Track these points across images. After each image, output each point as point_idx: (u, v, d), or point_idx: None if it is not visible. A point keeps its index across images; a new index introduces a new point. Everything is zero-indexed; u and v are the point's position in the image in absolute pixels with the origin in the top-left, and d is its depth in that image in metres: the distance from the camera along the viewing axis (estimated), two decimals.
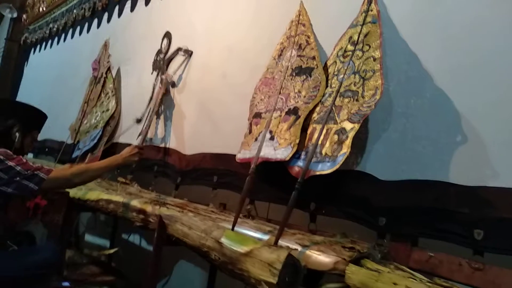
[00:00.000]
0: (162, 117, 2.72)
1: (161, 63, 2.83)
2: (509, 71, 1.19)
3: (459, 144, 1.26)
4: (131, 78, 3.27)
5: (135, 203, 2.19)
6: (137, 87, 3.13)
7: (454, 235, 1.21)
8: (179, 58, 2.70)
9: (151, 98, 2.81)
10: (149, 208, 2.07)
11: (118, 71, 3.47)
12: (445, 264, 1.22)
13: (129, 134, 3.03)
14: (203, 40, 2.55)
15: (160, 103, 2.68)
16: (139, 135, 2.58)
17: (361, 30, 1.54)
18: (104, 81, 3.56)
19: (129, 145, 2.74)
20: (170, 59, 2.77)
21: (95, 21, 4.23)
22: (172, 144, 2.55)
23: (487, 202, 1.16)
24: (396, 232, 1.36)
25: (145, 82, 3.03)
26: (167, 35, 2.89)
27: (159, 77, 2.81)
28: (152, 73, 2.94)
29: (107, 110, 3.36)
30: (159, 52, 2.91)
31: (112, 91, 3.41)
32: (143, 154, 2.22)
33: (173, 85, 2.67)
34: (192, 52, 2.60)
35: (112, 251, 2.87)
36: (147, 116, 2.65)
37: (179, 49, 2.69)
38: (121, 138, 3.14)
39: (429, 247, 1.28)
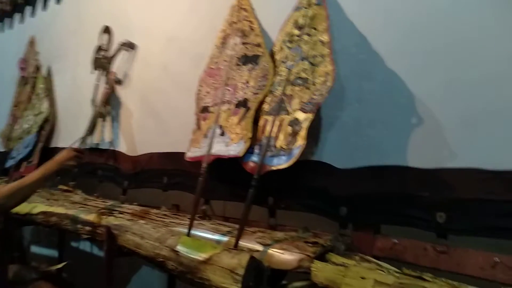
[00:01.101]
0: (107, 117, 2.51)
1: (104, 61, 2.59)
2: (461, 50, 1.16)
3: (415, 126, 1.23)
4: (65, 76, 3.02)
5: (80, 214, 2.02)
6: (73, 86, 2.90)
7: (417, 220, 1.19)
8: (123, 53, 2.48)
9: (93, 100, 2.57)
10: (95, 219, 1.91)
11: (49, 69, 3.19)
12: (410, 250, 1.20)
13: (68, 138, 2.81)
14: (140, 30, 2.37)
15: (106, 104, 2.47)
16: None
17: (306, 13, 1.47)
18: (34, 81, 3.27)
19: None
20: (114, 56, 2.53)
21: (18, 16, 3.87)
22: (116, 145, 2.38)
23: (446, 184, 1.14)
24: (358, 221, 1.33)
25: (81, 81, 2.80)
26: (107, 30, 2.63)
27: (103, 77, 2.58)
28: (92, 72, 2.67)
29: (40, 112, 3.09)
30: (99, 49, 2.65)
31: (44, 92, 3.14)
32: (82, 157, 2.04)
33: (119, 83, 2.47)
34: (135, 45, 2.41)
35: (60, 265, 2.67)
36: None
37: (122, 44, 2.46)
38: (60, 143, 2.91)
39: (393, 234, 1.26)
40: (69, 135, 2.78)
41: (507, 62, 1.08)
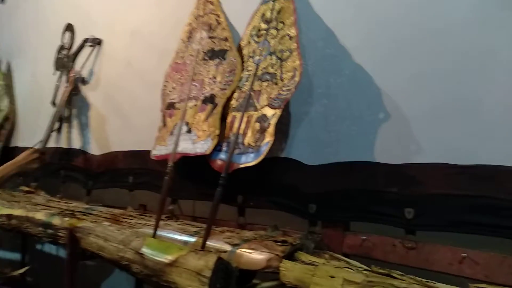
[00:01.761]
0: (70, 116, 2.40)
1: (66, 60, 2.46)
2: (427, 44, 1.15)
3: (383, 122, 1.22)
4: (25, 72, 2.89)
5: (41, 216, 1.92)
6: (33, 82, 2.77)
7: (385, 216, 1.18)
8: (87, 50, 2.36)
9: (54, 101, 2.44)
10: (57, 221, 1.82)
11: (9, 66, 3.04)
12: (379, 246, 1.19)
13: (29, 137, 2.69)
14: (102, 25, 2.28)
15: (67, 104, 2.35)
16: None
17: (273, 7, 1.43)
18: None
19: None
20: (76, 54, 2.41)
21: None
22: (79, 144, 2.28)
23: (415, 180, 1.13)
24: (327, 218, 1.31)
25: (42, 77, 2.68)
26: (69, 28, 2.50)
27: (64, 77, 2.46)
28: (54, 73, 2.54)
29: (0, 110, 2.95)
30: (61, 48, 2.52)
31: (3, 89, 2.99)
32: (44, 159, 1.93)
33: (83, 81, 2.35)
34: (100, 41, 2.29)
35: (23, 270, 2.55)
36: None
37: (85, 40, 2.34)
38: (21, 142, 2.78)
39: (363, 231, 1.24)
40: (30, 134, 2.68)
41: (473, 55, 1.08)
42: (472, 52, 1.08)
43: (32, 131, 2.68)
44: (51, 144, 2.34)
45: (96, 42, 2.29)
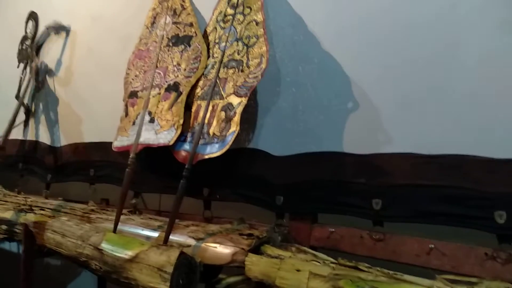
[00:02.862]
0: (33, 109, 2.26)
1: (29, 50, 2.28)
2: (396, 31, 1.13)
3: (351, 111, 1.19)
4: None
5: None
6: None
7: (353, 207, 1.16)
8: (54, 39, 2.20)
9: (18, 95, 2.29)
10: (12, 216, 1.72)
11: None
12: (347, 239, 1.17)
13: None
14: (62, 9, 2.16)
15: (32, 97, 2.20)
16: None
17: None
18: None
19: None
20: (40, 44, 2.25)
21: None
22: (38, 136, 2.16)
23: (382, 170, 1.11)
24: (295, 210, 1.27)
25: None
26: (32, 16, 2.32)
27: (28, 68, 2.28)
28: (18, 66, 2.36)
29: None
30: (24, 39, 2.34)
31: None
32: (2, 155, 1.78)
33: (49, 73, 2.19)
34: (67, 28, 2.13)
35: None
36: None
37: (48, 28, 2.18)
38: None
39: (331, 223, 1.21)
40: None
41: (442, 46, 1.06)
42: (441, 43, 1.07)
43: None
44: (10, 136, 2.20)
45: (62, 29, 2.14)
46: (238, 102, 1.25)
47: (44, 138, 2.12)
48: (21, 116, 2.22)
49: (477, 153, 0.99)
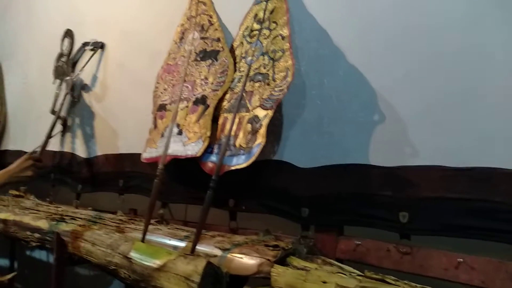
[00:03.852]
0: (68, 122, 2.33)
1: (65, 67, 2.35)
2: (422, 43, 1.13)
3: (377, 124, 1.19)
4: (15, 74, 2.84)
5: (28, 220, 1.88)
6: (23, 84, 2.73)
7: (380, 220, 1.15)
8: (89, 55, 2.22)
9: (53, 110, 2.33)
10: (45, 225, 1.78)
11: (0, 68, 3.00)
12: (373, 252, 1.16)
13: (20, 140, 2.65)
14: (93, 24, 2.25)
15: (66, 111, 2.25)
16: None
17: (266, 7, 1.41)
18: None
19: (21, 153, 2.39)
20: (76, 59, 2.32)
21: None
22: (70, 147, 2.24)
23: (409, 182, 1.11)
24: (320, 222, 1.28)
25: (33, 80, 2.64)
26: (68, 34, 2.40)
27: (64, 84, 2.33)
28: (54, 82, 2.42)
29: None
30: (60, 56, 2.42)
31: None
32: (40, 167, 1.83)
33: (85, 88, 2.23)
34: (103, 44, 2.17)
35: (10, 276, 2.50)
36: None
37: (85, 44, 2.24)
38: (11, 145, 2.74)
39: (356, 235, 1.21)
40: (21, 137, 2.64)
41: (469, 53, 1.05)
42: (468, 50, 1.05)
43: (23, 134, 2.64)
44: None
45: (98, 46, 2.17)
46: (264, 115, 1.27)
47: (76, 149, 2.19)
48: (56, 129, 2.28)
49: (507, 166, 0.97)
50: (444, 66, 1.09)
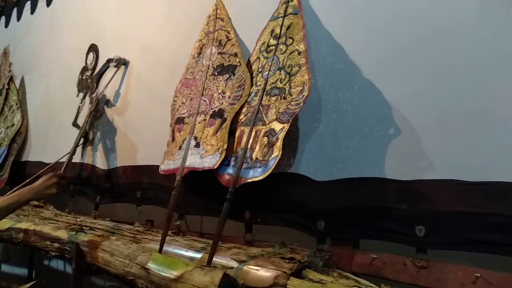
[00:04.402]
0: (91, 134, 2.36)
1: (89, 81, 2.42)
2: (435, 58, 1.14)
3: (392, 137, 1.20)
4: (37, 87, 2.93)
5: (48, 230, 1.92)
6: (44, 97, 2.81)
7: (396, 234, 1.15)
8: (113, 71, 2.27)
9: (75, 123, 2.40)
10: (64, 235, 1.82)
11: (22, 80, 3.10)
12: (389, 265, 1.16)
13: (40, 152, 2.71)
14: (114, 40, 2.32)
15: (89, 125, 2.28)
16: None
17: (282, 23, 1.45)
18: (7, 93, 3.17)
19: (41, 164, 2.44)
20: (101, 74, 2.37)
21: None
22: (89, 158, 2.29)
23: (425, 196, 1.11)
24: (336, 235, 1.28)
25: (54, 93, 2.72)
26: (93, 49, 2.47)
27: (87, 98, 2.40)
28: (78, 95, 2.50)
29: (12, 125, 2.99)
30: (84, 69, 2.50)
31: (16, 104, 3.04)
32: (63, 184, 1.80)
33: (108, 103, 2.27)
34: (126, 61, 2.21)
35: (28, 285, 2.54)
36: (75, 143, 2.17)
37: (109, 61, 2.28)
38: (32, 156, 2.81)
39: (372, 249, 1.21)
40: (41, 149, 2.70)
41: (483, 68, 1.06)
42: (482, 64, 1.07)
43: (43, 146, 2.71)
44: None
45: (122, 63, 2.22)
46: (280, 128, 1.29)
47: (95, 161, 2.24)
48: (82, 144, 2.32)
49: None
50: (459, 80, 1.10)
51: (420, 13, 1.20)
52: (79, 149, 2.29)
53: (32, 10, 3.16)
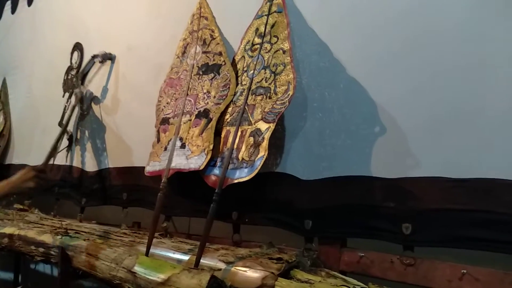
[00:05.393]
0: (78, 134, 2.32)
1: (74, 80, 2.36)
2: (421, 57, 1.14)
3: (378, 135, 1.20)
4: (20, 88, 2.88)
5: (33, 234, 1.89)
6: (28, 98, 2.76)
7: (383, 232, 1.15)
8: (102, 68, 2.22)
9: (61, 122, 2.36)
10: (49, 239, 1.78)
11: (4, 82, 3.04)
12: (377, 263, 1.16)
13: (24, 154, 2.67)
14: (98, 39, 2.28)
15: (75, 124, 2.26)
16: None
17: (267, 21, 1.43)
18: None
19: (24, 167, 2.39)
20: (86, 72, 2.32)
21: None
22: (73, 160, 2.25)
23: (411, 194, 1.11)
24: (324, 234, 1.28)
25: (38, 93, 2.67)
26: (78, 47, 2.42)
27: (73, 97, 2.32)
28: (63, 96, 2.45)
29: None
30: (69, 69, 2.44)
31: None
32: (43, 178, 1.80)
33: (95, 100, 2.22)
34: (112, 56, 2.17)
35: None
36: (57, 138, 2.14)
37: (94, 57, 2.22)
38: (16, 159, 2.76)
39: (360, 247, 1.21)
40: (25, 152, 2.66)
41: (469, 65, 1.06)
42: (468, 62, 1.07)
43: (27, 148, 2.66)
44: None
45: (107, 57, 2.17)
46: (266, 128, 1.28)
47: (80, 163, 2.21)
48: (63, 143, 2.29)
49: (508, 177, 0.98)
50: (445, 79, 1.10)
51: (406, 12, 1.19)
52: (64, 151, 2.26)
53: (13, 10, 3.09)
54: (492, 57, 1.04)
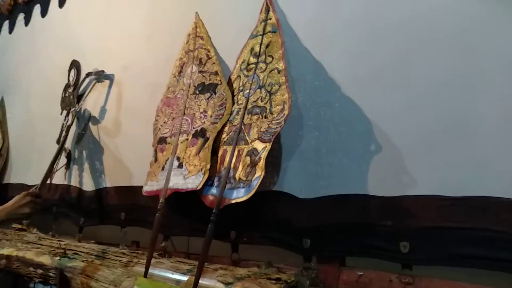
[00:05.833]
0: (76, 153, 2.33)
1: (71, 97, 2.36)
2: (415, 73, 1.15)
3: (374, 154, 1.20)
4: (18, 107, 2.89)
5: (31, 255, 1.88)
6: (26, 118, 2.77)
7: (381, 250, 1.15)
8: (100, 87, 2.22)
9: (59, 140, 2.33)
10: (47, 261, 1.78)
11: (2, 101, 3.05)
12: (375, 282, 1.16)
13: (22, 173, 2.67)
14: (95, 59, 2.29)
15: (73, 144, 2.26)
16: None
17: (262, 41, 1.45)
18: None
19: (23, 186, 2.40)
20: (81, 90, 2.32)
21: None
22: (71, 180, 2.25)
23: (408, 212, 1.11)
24: (322, 253, 1.27)
25: (35, 112, 2.68)
26: (74, 65, 2.42)
27: (70, 115, 2.32)
28: (61, 113, 2.43)
29: None
30: (67, 86, 2.44)
31: None
32: (38, 202, 1.76)
33: (91, 120, 2.21)
34: (110, 76, 2.16)
35: None
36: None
37: (88, 74, 2.23)
38: (13, 179, 2.76)
39: (359, 266, 1.21)
40: (23, 171, 2.66)
41: (463, 81, 1.07)
42: (462, 78, 1.07)
43: (25, 168, 2.66)
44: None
45: (101, 75, 2.16)
46: (262, 148, 1.29)
47: (78, 182, 2.21)
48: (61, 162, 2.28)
49: (505, 195, 0.98)
50: (439, 96, 1.11)
51: (399, 29, 1.20)
52: (62, 170, 2.26)
53: (10, 30, 3.12)
54: (488, 73, 1.04)
